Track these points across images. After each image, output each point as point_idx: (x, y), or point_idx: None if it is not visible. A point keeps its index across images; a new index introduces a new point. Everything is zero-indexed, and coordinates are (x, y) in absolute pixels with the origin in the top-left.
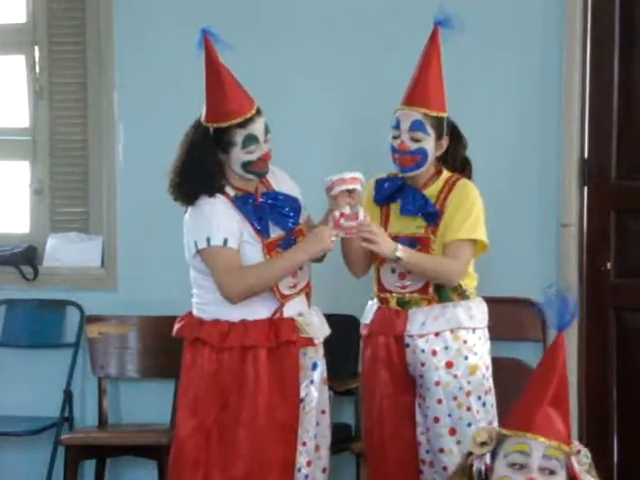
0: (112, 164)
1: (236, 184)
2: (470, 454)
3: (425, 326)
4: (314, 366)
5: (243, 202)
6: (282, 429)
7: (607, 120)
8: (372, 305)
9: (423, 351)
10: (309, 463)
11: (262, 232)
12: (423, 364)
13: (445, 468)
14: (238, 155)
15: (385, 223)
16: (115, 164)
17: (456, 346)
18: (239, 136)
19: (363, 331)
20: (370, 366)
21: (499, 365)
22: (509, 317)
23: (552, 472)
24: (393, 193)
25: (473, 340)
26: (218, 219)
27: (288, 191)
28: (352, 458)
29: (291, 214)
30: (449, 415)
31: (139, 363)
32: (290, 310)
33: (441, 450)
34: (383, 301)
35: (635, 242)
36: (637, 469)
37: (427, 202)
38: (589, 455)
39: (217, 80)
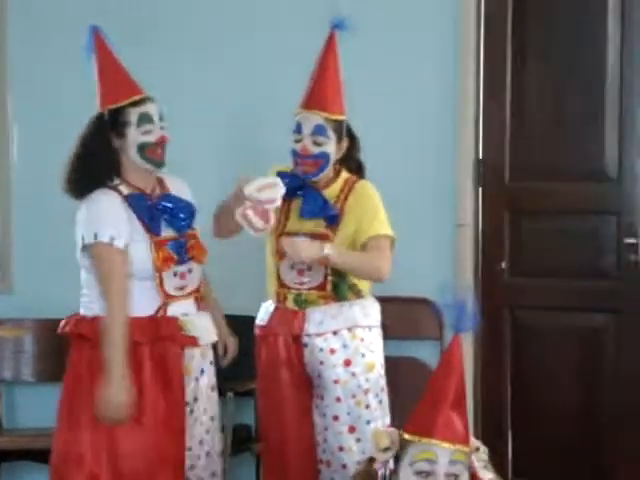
0: (6, 165)
1: (132, 181)
2: (372, 459)
3: (323, 325)
4: (201, 372)
5: (136, 200)
6: (168, 428)
7: (500, 122)
8: (268, 306)
9: (321, 350)
10: (192, 467)
11: (152, 229)
12: (322, 363)
13: (344, 466)
14: (134, 136)
15: (286, 217)
16: (9, 165)
17: (354, 344)
18: (134, 115)
19: (258, 332)
20: (268, 367)
21: (396, 364)
22: (406, 316)
23: (457, 476)
24: (294, 189)
25: (370, 338)
26: (107, 215)
27: (184, 196)
28: (252, 459)
29: (185, 217)
30: (348, 413)
31: (34, 367)
32: (174, 310)
33: (340, 448)
34: (280, 298)
35: (529, 242)
36: (529, 461)
37: (327, 204)
38: (486, 451)
39: (110, 64)
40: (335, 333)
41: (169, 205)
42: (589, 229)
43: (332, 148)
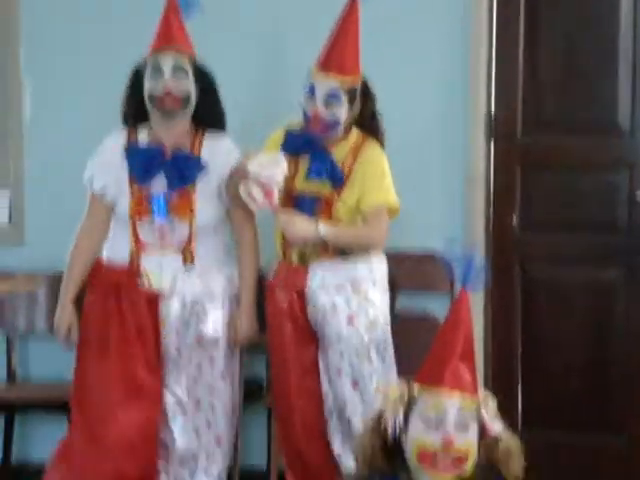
0: (18, 117)
1: (155, 129)
2: (383, 412)
3: (325, 280)
4: (187, 326)
5: (133, 150)
6: (133, 362)
7: (512, 76)
8: (276, 264)
9: (324, 305)
10: (177, 417)
11: (137, 180)
12: (324, 318)
13: (349, 421)
14: (146, 86)
15: (293, 176)
16: (22, 117)
17: (357, 300)
18: (149, 65)
19: (267, 287)
20: (274, 321)
21: (406, 317)
22: (416, 270)
23: (466, 427)
24: (303, 147)
25: (374, 294)
26: (102, 159)
27: (215, 156)
28: (264, 411)
29: (182, 174)
30: (351, 368)
31: (48, 319)
32: (153, 261)
33: (344, 403)
34: (285, 254)
35: (539, 196)
36: (539, 413)
37: (334, 166)
38: (495, 402)
39: (164, 11)
40: (338, 288)
41: (167, 160)
42: (601, 183)
43: (344, 112)
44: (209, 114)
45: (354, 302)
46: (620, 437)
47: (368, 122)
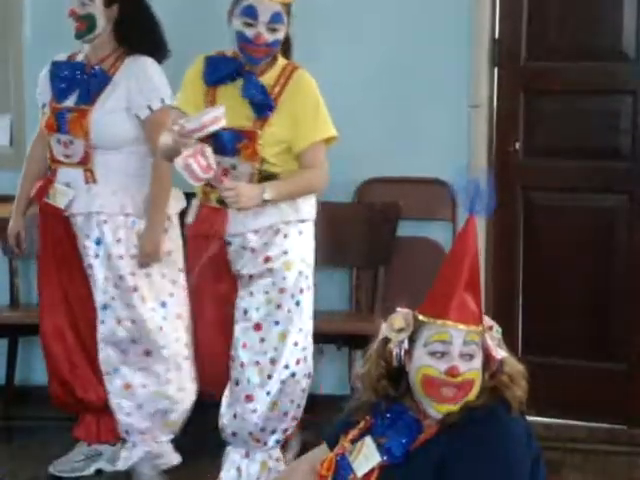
0: (18, 40)
1: (87, 50)
2: (387, 340)
3: (246, 224)
4: (97, 241)
5: (56, 67)
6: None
7: (518, 1)
8: (194, 204)
9: (244, 248)
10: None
11: (53, 95)
12: (243, 259)
13: (242, 364)
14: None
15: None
16: (22, 40)
17: (276, 241)
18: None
19: (187, 231)
20: (193, 261)
21: (409, 244)
22: (419, 197)
23: (471, 356)
24: (228, 74)
25: (295, 235)
26: (43, 76)
27: (126, 82)
28: None
29: (89, 92)
30: (257, 309)
31: None
32: (62, 175)
33: (243, 345)
34: (205, 196)
35: (543, 122)
36: (538, 340)
37: (265, 92)
38: (500, 330)
39: None
40: (258, 231)
41: (66, 74)
42: (605, 109)
43: (283, 35)
44: (133, 37)
45: (273, 243)
46: (620, 363)
47: (286, 46)
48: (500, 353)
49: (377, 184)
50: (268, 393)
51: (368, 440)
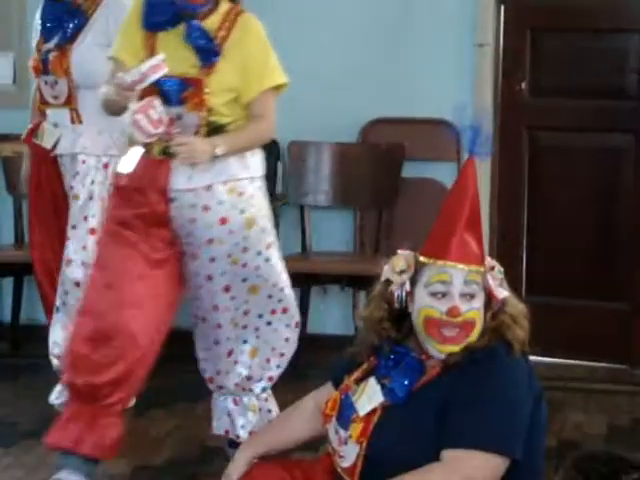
0: None
1: None
2: (389, 282)
3: (193, 179)
4: (81, 181)
5: (48, 6)
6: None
7: None
8: (133, 152)
9: (193, 206)
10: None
11: (42, 35)
12: (194, 221)
13: (219, 325)
14: None
15: (150, 55)
16: None
17: (231, 200)
18: None
19: (120, 181)
20: (123, 217)
21: (413, 185)
22: (424, 137)
23: (472, 296)
24: (165, 22)
25: (250, 192)
26: (37, 16)
27: (105, 19)
28: None
29: (67, 30)
30: (222, 274)
31: None
32: (51, 116)
33: (215, 307)
34: (147, 148)
35: (549, 62)
36: (542, 280)
37: (209, 37)
38: (502, 270)
39: None
40: (208, 188)
41: (54, 14)
42: (612, 48)
43: None
44: None
45: (227, 202)
46: (623, 303)
47: None
48: (502, 293)
49: (382, 125)
50: (245, 342)
51: (371, 380)
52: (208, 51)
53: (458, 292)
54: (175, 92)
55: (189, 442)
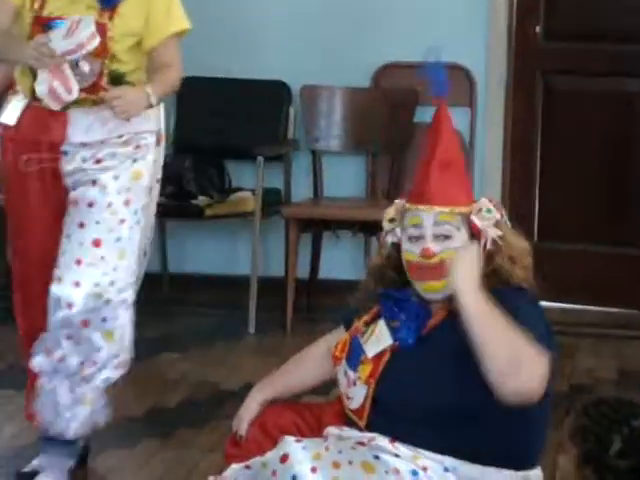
0: None
1: None
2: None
3: (91, 133)
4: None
5: None
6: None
7: None
8: (19, 103)
9: (85, 160)
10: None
11: None
12: (83, 171)
13: (77, 283)
14: None
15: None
16: None
17: (125, 151)
18: None
19: (5, 132)
20: (14, 174)
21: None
22: None
23: (447, 237)
24: None
25: (146, 143)
26: None
27: None
28: (281, 222)
29: None
30: (97, 222)
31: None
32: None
33: (78, 262)
34: (33, 96)
35: (564, 6)
36: (554, 225)
37: None
38: (493, 210)
39: None
40: (103, 142)
41: None
42: None
43: None
44: None
45: (121, 154)
46: (636, 248)
47: None
48: (493, 233)
49: (394, 69)
50: None
51: (380, 322)
52: None
53: (430, 234)
54: None
55: (202, 385)
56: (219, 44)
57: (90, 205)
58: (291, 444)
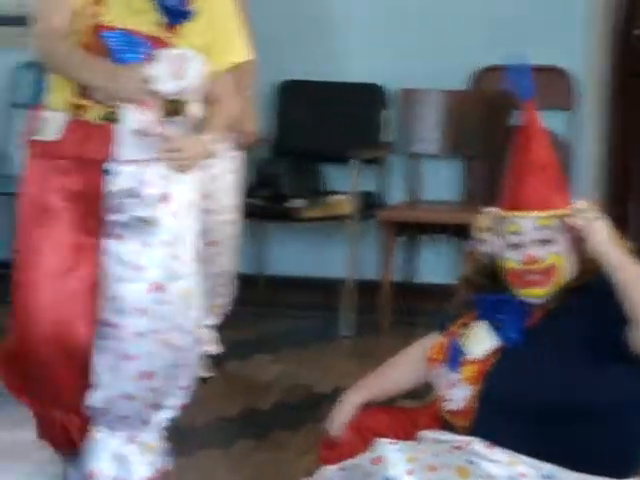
0: None
1: None
2: (477, 240)
3: (140, 148)
4: None
5: None
6: None
7: None
8: (57, 116)
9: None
10: None
11: None
12: (133, 196)
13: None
14: None
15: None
16: None
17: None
18: None
19: (34, 149)
20: (40, 192)
21: None
22: (536, 86)
23: (548, 241)
24: None
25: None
26: None
27: None
28: (376, 225)
29: None
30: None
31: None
32: None
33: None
34: (77, 111)
35: None
36: None
37: None
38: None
39: None
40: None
41: None
42: None
43: None
44: None
45: (172, 176)
46: None
47: None
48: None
49: (492, 72)
50: None
51: (480, 324)
52: (177, 12)
53: (530, 240)
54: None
55: (295, 387)
56: (315, 48)
57: (145, 244)
58: (386, 446)
